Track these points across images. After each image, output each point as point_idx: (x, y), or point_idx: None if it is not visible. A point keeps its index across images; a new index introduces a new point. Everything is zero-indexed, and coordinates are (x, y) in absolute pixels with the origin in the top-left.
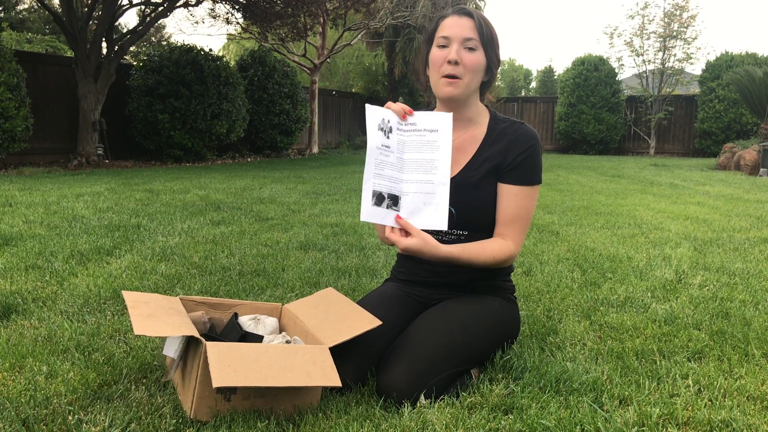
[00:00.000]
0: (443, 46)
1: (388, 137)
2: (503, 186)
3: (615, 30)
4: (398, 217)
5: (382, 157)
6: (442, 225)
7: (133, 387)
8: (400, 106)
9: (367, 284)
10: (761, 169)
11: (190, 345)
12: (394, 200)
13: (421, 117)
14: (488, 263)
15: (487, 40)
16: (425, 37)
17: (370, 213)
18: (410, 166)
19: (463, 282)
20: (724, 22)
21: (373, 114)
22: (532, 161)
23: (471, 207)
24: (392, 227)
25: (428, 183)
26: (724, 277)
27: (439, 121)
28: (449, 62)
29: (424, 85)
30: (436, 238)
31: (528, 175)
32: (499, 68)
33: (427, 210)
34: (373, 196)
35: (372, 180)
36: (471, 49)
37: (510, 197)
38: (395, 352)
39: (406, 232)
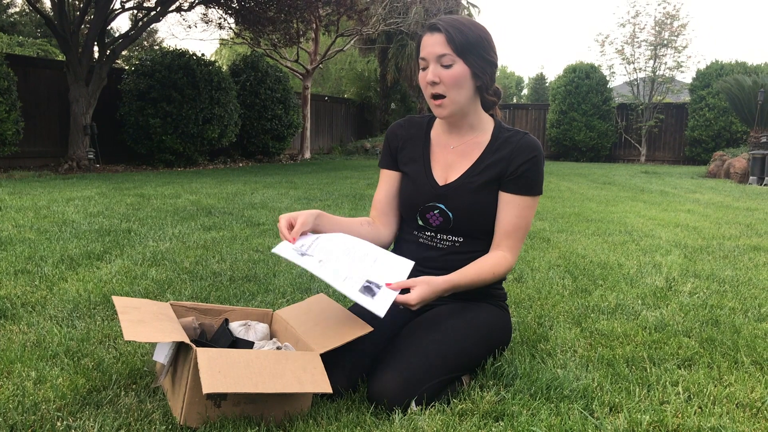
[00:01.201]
0: (424, 68)
1: (312, 255)
2: (504, 195)
3: (606, 38)
4: (388, 284)
5: (330, 269)
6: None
7: (123, 393)
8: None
9: None
10: (750, 177)
11: (180, 351)
12: (370, 284)
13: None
14: (489, 280)
15: (463, 48)
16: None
17: (378, 306)
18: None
19: None
20: (715, 31)
21: (286, 252)
22: (534, 171)
23: (469, 212)
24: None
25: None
26: (714, 285)
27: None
28: (429, 84)
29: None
30: (430, 244)
31: (529, 185)
32: (497, 66)
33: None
34: (366, 293)
35: (347, 289)
36: (446, 65)
37: (510, 207)
38: (386, 358)
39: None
